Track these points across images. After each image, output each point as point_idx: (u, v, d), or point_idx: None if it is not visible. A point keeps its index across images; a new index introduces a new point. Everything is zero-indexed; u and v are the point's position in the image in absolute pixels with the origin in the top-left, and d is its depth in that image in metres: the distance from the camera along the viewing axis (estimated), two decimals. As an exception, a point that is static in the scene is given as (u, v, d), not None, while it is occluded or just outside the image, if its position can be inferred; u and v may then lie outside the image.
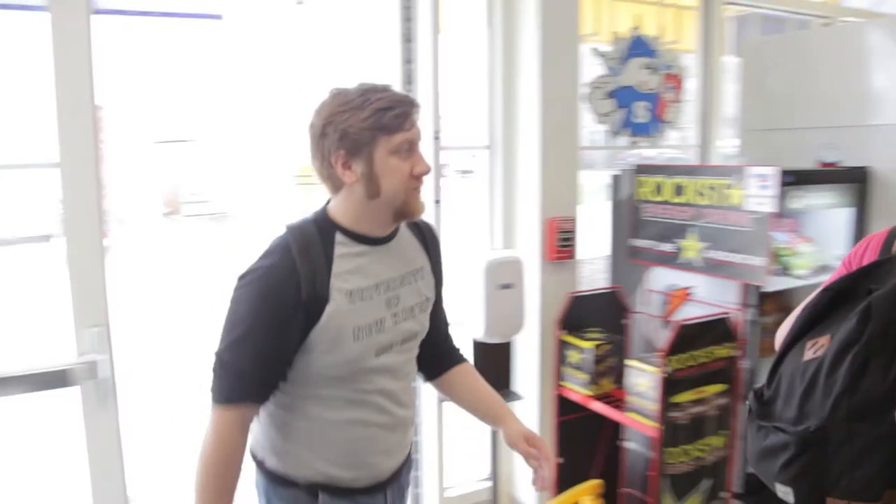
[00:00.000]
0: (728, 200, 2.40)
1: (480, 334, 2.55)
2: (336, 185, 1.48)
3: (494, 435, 2.68)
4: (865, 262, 1.59)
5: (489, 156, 2.96)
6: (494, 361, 2.66)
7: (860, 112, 2.71)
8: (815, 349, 1.43)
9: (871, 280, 1.44)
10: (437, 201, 2.72)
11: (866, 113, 2.70)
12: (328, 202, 1.53)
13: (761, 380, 2.45)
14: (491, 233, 2.99)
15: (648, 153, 3.30)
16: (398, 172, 1.44)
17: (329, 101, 1.45)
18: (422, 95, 2.69)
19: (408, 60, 2.75)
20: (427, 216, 2.71)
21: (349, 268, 1.46)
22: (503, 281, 2.52)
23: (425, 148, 2.69)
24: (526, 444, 1.68)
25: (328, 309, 1.41)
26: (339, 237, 1.47)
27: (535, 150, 2.77)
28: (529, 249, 2.83)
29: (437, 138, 2.70)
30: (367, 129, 1.41)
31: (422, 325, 1.61)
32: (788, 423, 1.43)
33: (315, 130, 1.45)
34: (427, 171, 1.49)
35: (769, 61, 3.12)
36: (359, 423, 1.51)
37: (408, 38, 2.74)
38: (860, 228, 2.65)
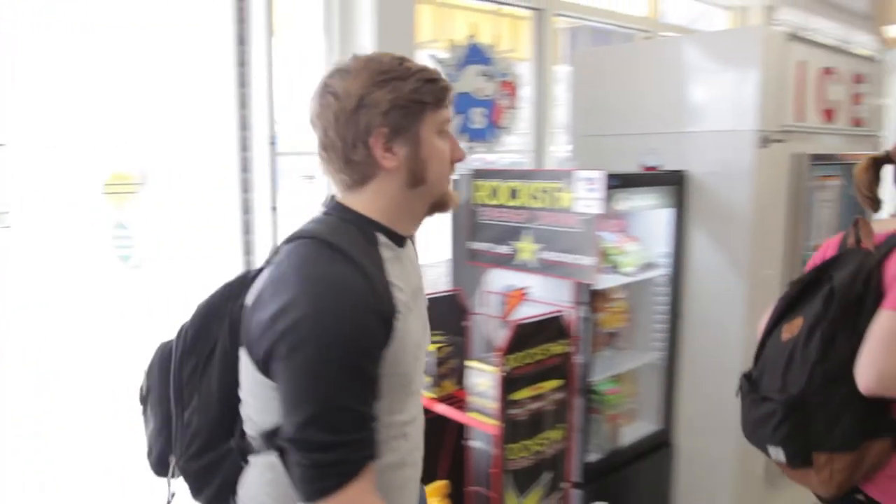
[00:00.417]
0: (559, 203, 2.50)
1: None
2: (363, 174, 1.20)
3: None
4: (829, 257, 1.78)
5: (328, 162, 2.92)
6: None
7: (678, 120, 2.91)
8: (791, 330, 1.68)
9: (832, 269, 1.67)
10: (274, 208, 2.65)
11: (683, 121, 2.89)
12: (334, 199, 1.26)
13: (594, 375, 2.59)
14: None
15: (492, 157, 3.39)
16: (443, 156, 1.23)
17: (361, 66, 1.18)
18: (256, 100, 2.61)
19: (241, 63, 2.66)
20: (264, 225, 2.66)
21: (397, 273, 1.21)
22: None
23: (261, 154, 2.64)
24: None
25: (397, 323, 1.15)
26: (381, 237, 1.22)
27: (374, 155, 2.77)
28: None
29: (272, 144, 2.63)
30: (416, 101, 1.17)
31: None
32: (774, 393, 1.67)
33: (346, 102, 1.16)
34: (464, 158, 1.29)
35: (597, 71, 3.28)
36: (395, 466, 1.26)
37: (241, 41, 2.66)
38: (680, 227, 2.84)
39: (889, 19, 4.42)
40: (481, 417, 2.40)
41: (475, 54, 3.19)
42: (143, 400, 1.38)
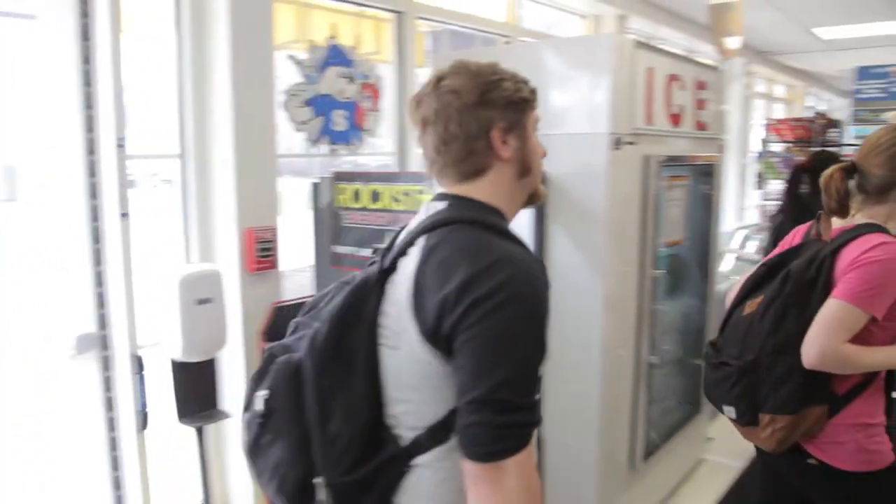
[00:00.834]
0: (420, 205, 2.49)
1: (178, 354, 2.39)
2: (481, 164, 1.28)
3: (204, 458, 2.54)
4: (793, 244, 2.02)
5: (181, 165, 2.80)
6: (197, 381, 2.52)
7: (539, 123, 2.97)
8: (752, 306, 1.90)
9: (794, 256, 1.90)
10: (125, 214, 2.50)
11: (543, 123, 2.95)
12: (447, 193, 1.30)
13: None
14: (187, 245, 2.83)
15: (363, 160, 3.36)
16: (539, 150, 1.36)
17: (471, 67, 1.30)
18: (102, 99, 2.46)
19: (85, 60, 2.50)
20: (113, 231, 2.51)
21: None
22: (201, 296, 2.39)
23: (109, 156, 2.49)
24: None
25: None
26: (503, 223, 1.29)
27: (230, 158, 2.67)
28: (228, 261, 2.72)
29: (121, 146, 2.49)
30: (523, 99, 1.31)
31: None
32: (732, 359, 1.89)
33: (468, 98, 1.26)
34: (546, 154, 1.42)
35: (458, 74, 3.31)
36: None
37: (85, 36, 2.50)
38: (540, 227, 2.90)
39: (727, 31, 4.74)
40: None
41: (336, 56, 3.15)
42: (260, 429, 1.28)
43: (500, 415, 1.09)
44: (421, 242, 1.23)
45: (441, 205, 1.30)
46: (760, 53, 8.96)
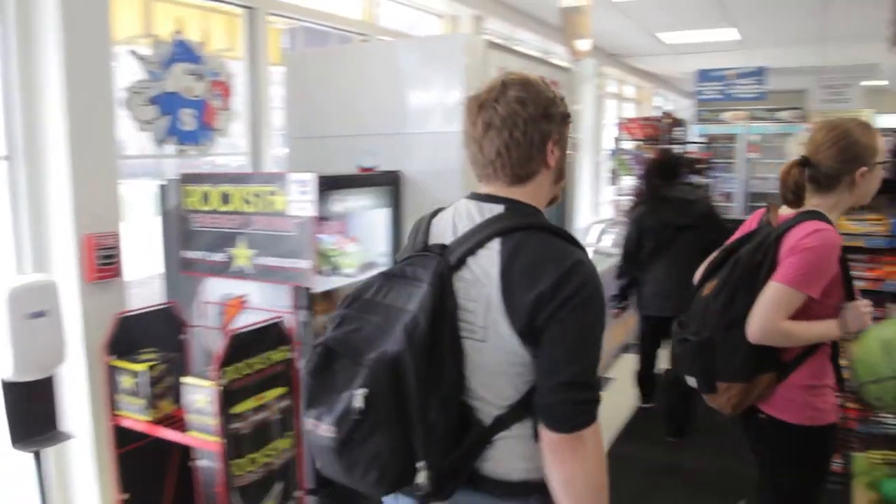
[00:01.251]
0: (273, 207, 2.44)
1: (10, 373, 2.21)
2: (533, 170, 1.44)
3: (43, 485, 2.36)
4: (748, 231, 2.20)
5: (9, 167, 2.58)
6: (34, 401, 2.33)
7: (393, 121, 2.98)
8: (710, 288, 2.12)
9: (748, 241, 2.10)
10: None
11: (398, 122, 2.97)
12: (499, 197, 1.44)
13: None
14: (19, 255, 2.62)
15: (223, 161, 3.23)
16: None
17: (536, 81, 1.44)
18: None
19: None
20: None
21: None
22: (33, 309, 2.22)
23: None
24: None
25: None
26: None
27: (64, 159, 2.49)
28: (66, 271, 2.54)
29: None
30: (567, 115, 1.47)
31: None
32: (692, 335, 2.10)
33: (534, 110, 1.41)
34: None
35: (313, 72, 3.26)
36: None
37: None
38: (397, 226, 2.91)
39: (578, 34, 4.93)
40: (201, 435, 2.27)
41: (183, 52, 3.01)
42: (357, 424, 1.31)
43: (582, 393, 1.33)
44: (496, 245, 1.38)
45: (498, 207, 1.44)
46: (611, 56, 9.39)
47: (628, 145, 7.83)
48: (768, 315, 1.93)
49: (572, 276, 1.32)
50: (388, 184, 2.88)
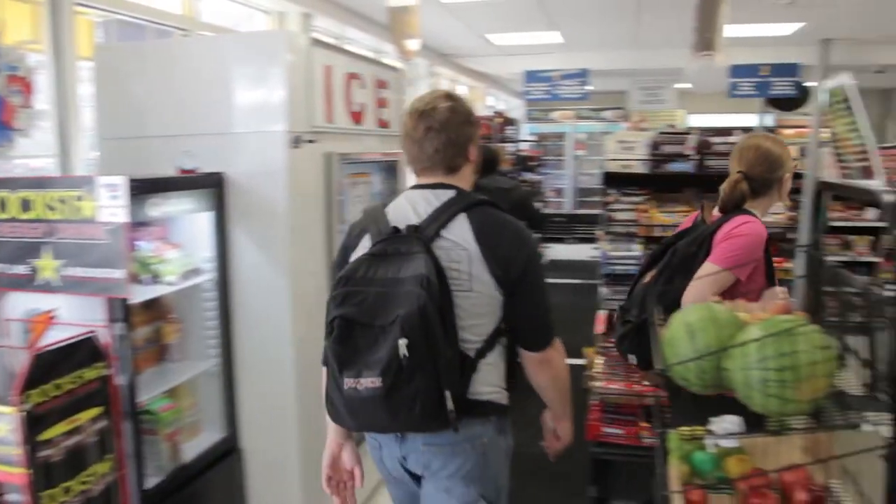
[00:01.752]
0: (80, 213, 2.26)
1: None
2: (461, 164, 1.92)
3: None
4: (685, 228, 2.51)
5: None
6: None
7: (215, 121, 2.85)
8: (651, 277, 2.41)
9: (684, 236, 2.41)
10: None
11: (220, 122, 2.84)
12: (443, 184, 1.89)
13: (143, 394, 2.42)
14: None
15: (37, 164, 2.94)
16: None
17: (457, 100, 1.90)
18: None
19: None
20: None
21: None
22: None
23: None
24: None
25: None
26: None
27: None
28: None
29: None
30: (477, 119, 1.96)
31: None
32: (633, 318, 2.40)
33: (464, 117, 1.88)
34: None
35: (128, 68, 3.04)
36: None
37: None
38: (221, 230, 2.79)
39: (406, 34, 4.96)
40: (4, 468, 2.06)
41: (-28, 44, 2.72)
42: (401, 370, 1.65)
43: (546, 322, 1.93)
44: (463, 218, 1.82)
45: (450, 192, 1.88)
46: (443, 56, 9.56)
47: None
48: (701, 289, 2.17)
49: (528, 241, 1.89)
50: (211, 186, 2.75)
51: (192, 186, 2.69)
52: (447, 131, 1.85)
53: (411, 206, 1.87)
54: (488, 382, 1.85)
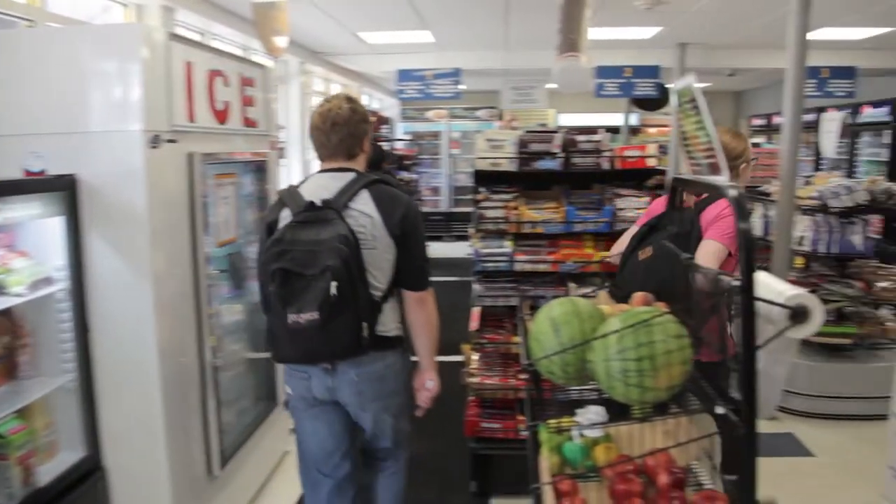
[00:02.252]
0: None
1: None
2: (354, 153, 2.49)
3: None
4: (658, 212, 2.74)
5: None
6: None
7: (65, 120, 2.66)
8: (645, 254, 2.58)
9: (666, 220, 2.62)
10: None
11: (73, 120, 2.66)
12: (346, 168, 2.48)
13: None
14: None
15: None
16: None
17: (356, 103, 2.52)
18: None
19: None
20: None
21: None
22: None
23: None
24: None
25: None
26: None
27: None
28: None
29: None
30: (370, 119, 2.57)
31: None
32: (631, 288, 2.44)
33: (361, 116, 2.50)
34: None
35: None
36: None
37: None
38: (75, 237, 2.62)
39: (274, 30, 4.84)
40: None
41: None
42: (332, 308, 2.21)
43: (425, 269, 2.50)
44: (365, 193, 2.39)
45: (350, 174, 2.45)
46: (315, 54, 9.43)
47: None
48: (709, 263, 2.44)
49: (411, 207, 2.46)
50: (61, 189, 2.57)
51: (39, 190, 2.50)
52: (348, 126, 2.44)
53: (322, 185, 2.43)
54: (392, 320, 2.50)
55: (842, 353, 4.75)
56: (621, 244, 2.92)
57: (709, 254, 2.58)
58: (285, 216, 2.36)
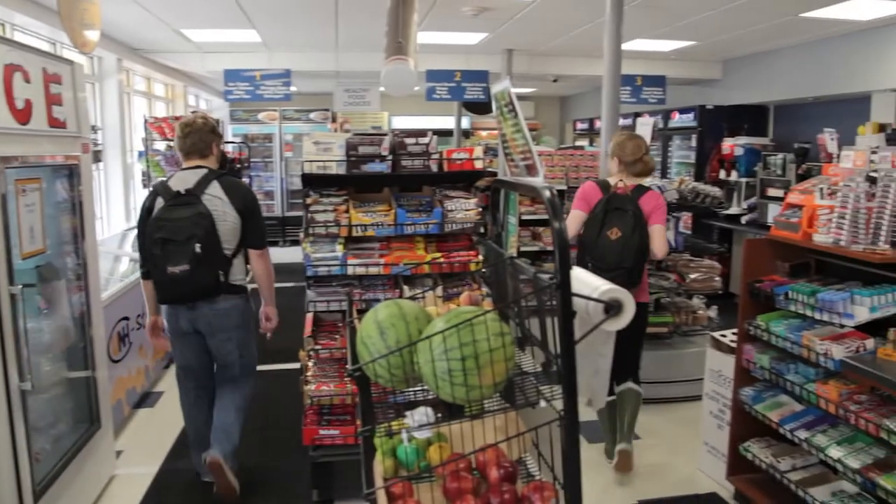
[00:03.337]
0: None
1: None
2: (205, 154, 3.45)
3: None
4: (594, 199, 3.71)
5: None
6: None
7: None
8: (615, 234, 3.54)
9: (614, 203, 3.61)
10: None
11: None
12: (201, 166, 3.42)
13: None
14: None
15: None
16: None
17: (207, 119, 3.50)
18: None
19: None
20: None
21: None
22: None
23: None
24: None
25: None
26: None
27: None
28: None
29: None
30: (217, 130, 3.58)
31: None
32: (615, 266, 3.52)
33: (208, 127, 3.46)
34: None
35: None
36: None
37: None
38: None
39: (83, 23, 4.50)
40: None
41: None
42: (197, 262, 3.20)
43: (263, 233, 3.53)
44: (216, 184, 3.34)
45: (203, 170, 3.38)
46: (135, 51, 8.90)
47: (160, 145, 7.52)
48: (665, 242, 3.63)
49: (249, 192, 3.50)
50: None
51: None
52: (200, 133, 3.43)
53: (184, 179, 3.35)
54: (240, 272, 3.44)
55: (660, 340, 5.11)
56: (573, 228, 3.74)
57: (662, 235, 3.60)
58: (159, 202, 3.30)
